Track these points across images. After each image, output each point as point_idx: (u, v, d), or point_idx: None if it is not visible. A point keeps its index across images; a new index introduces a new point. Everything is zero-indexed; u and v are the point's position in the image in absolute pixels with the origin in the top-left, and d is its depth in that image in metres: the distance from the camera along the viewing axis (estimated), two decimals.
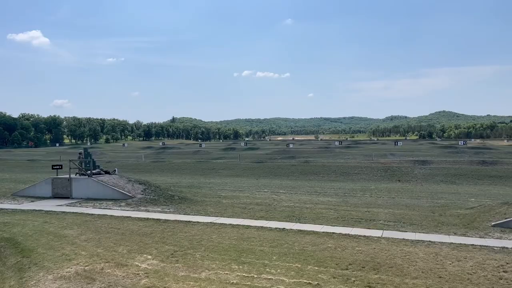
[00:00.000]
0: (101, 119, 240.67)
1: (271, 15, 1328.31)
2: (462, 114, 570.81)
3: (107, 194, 23.04)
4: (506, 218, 16.12)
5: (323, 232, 15.00)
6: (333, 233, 14.80)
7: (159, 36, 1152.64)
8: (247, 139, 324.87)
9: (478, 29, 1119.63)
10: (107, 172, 26.49)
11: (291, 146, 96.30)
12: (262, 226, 15.97)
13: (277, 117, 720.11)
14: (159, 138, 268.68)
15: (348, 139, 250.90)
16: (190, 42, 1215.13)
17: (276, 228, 15.61)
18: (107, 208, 20.16)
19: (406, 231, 15.19)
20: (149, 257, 11.83)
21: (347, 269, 10.72)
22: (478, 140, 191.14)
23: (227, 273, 10.39)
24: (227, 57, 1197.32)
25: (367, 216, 18.21)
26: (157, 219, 17.36)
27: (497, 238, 14.08)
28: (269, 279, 9.97)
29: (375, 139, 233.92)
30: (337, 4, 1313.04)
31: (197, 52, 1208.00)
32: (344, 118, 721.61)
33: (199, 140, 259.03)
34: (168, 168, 53.49)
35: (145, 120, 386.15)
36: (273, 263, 11.18)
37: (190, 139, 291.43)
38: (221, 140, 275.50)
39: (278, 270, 10.59)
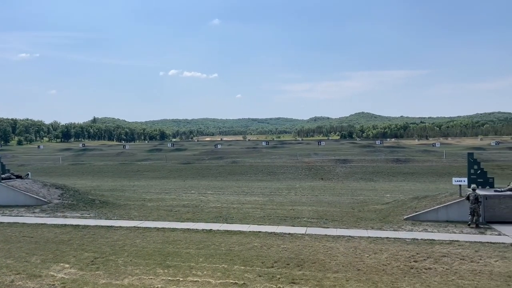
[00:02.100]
0: (12, 119, 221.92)
1: (198, 15, 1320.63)
2: (379, 115, 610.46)
3: (18, 200, 21.30)
4: (416, 212, 17.57)
5: (250, 231, 15.20)
6: (260, 232, 15.07)
7: (80, 32, 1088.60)
8: (174, 140, 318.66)
9: (393, 37, 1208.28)
10: (18, 177, 24.53)
11: (219, 146, 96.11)
12: (188, 228, 15.78)
13: (205, 118, 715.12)
14: (79, 139, 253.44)
15: (275, 139, 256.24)
16: (113, 39, 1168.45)
17: (203, 230, 15.51)
18: (18, 216, 18.65)
19: (328, 227, 15.90)
20: (67, 265, 11.12)
21: (272, 267, 10.94)
22: (393, 140, 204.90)
23: (151, 278, 10.09)
24: (152, 56, 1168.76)
25: (292, 214, 18.76)
26: (75, 225, 16.42)
27: (408, 231, 15.26)
28: (195, 281, 9.86)
29: (300, 139, 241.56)
30: (264, 6, 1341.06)
31: (121, 50, 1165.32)
32: (270, 119, 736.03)
33: (123, 141, 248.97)
34: (89, 171, 50.77)
35: (64, 121, 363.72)
36: (200, 265, 11.08)
37: (113, 140, 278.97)
38: (146, 141, 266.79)
39: (205, 272, 10.51)
